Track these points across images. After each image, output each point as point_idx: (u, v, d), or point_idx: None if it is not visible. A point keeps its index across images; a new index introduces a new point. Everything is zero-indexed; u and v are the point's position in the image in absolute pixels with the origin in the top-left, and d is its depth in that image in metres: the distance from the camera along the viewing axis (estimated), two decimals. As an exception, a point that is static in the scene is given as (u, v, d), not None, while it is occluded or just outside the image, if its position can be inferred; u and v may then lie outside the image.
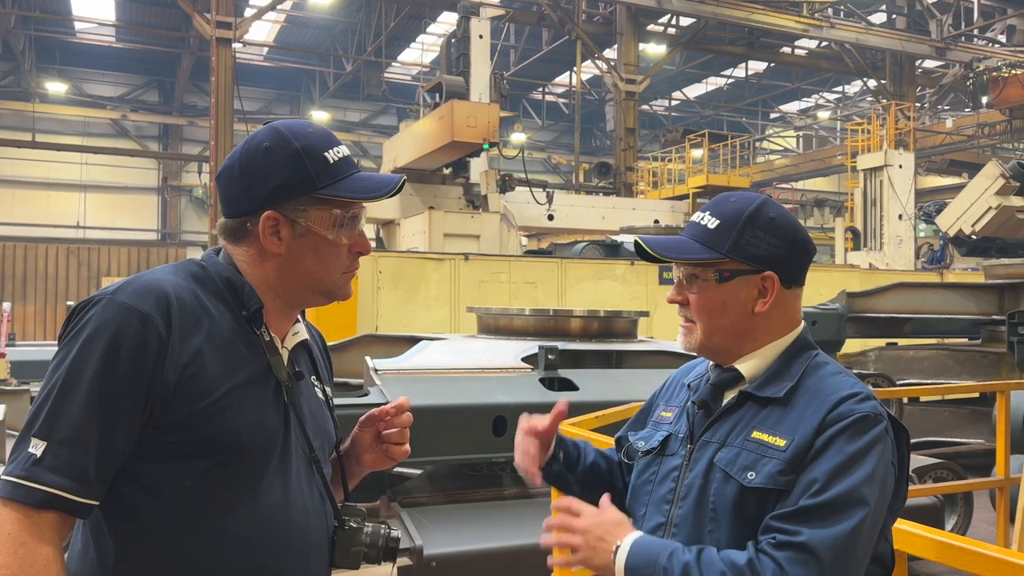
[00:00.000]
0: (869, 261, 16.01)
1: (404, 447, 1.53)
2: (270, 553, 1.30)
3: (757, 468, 1.30)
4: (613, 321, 5.05)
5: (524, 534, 3.34)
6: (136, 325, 1.22)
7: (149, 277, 1.30)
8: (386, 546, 1.42)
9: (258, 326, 1.35)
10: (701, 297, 1.41)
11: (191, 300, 1.29)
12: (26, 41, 23.53)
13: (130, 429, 1.22)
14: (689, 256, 1.41)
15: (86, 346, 1.21)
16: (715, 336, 1.42)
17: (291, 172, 1.33)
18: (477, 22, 13.84)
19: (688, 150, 19.93)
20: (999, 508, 4.29)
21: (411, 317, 9.36)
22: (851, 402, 1.30)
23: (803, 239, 1.42)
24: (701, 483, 1.36)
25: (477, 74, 13.46)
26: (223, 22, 15.12)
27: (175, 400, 1.24)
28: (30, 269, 20.93)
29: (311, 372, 1.48)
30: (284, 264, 1.36)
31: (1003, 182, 12.49)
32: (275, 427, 1.33)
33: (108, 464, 1.21)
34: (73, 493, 1.18)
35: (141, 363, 1.21)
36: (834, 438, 1.27)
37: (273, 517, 1.30)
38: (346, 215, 1.37)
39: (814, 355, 1.42)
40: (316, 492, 1.39)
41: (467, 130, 11.99)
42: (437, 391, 3.74)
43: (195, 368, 1.25)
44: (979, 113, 23.13)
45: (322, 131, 1.39)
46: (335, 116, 29.74)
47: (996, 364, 7.39)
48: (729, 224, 1.39)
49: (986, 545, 1.49)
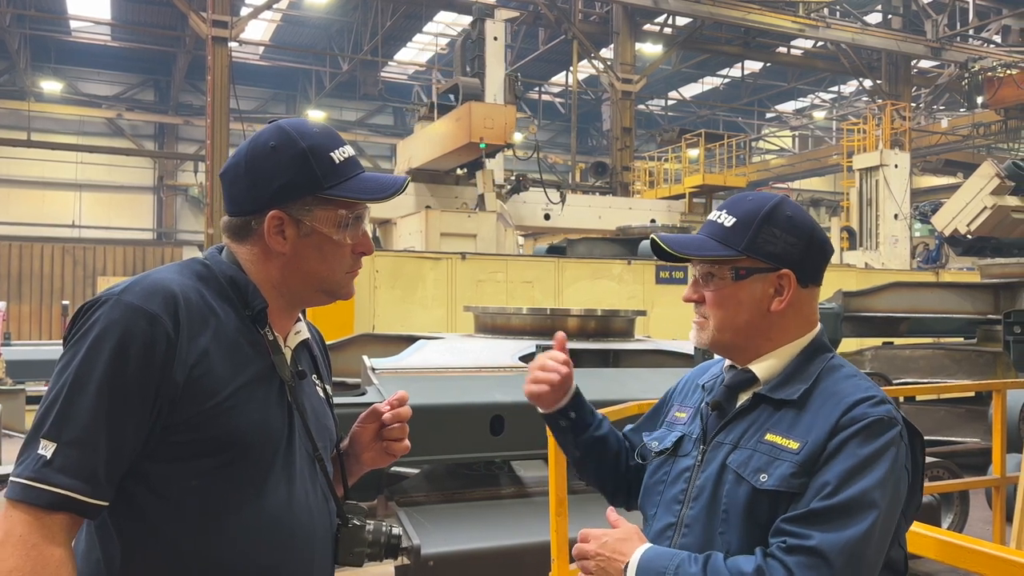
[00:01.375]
0: (865, 261, 16.04)
1: (404, 443, 1.53)
2: (275, 551, 1.31)
3: (770, 470, 1.30)
4: (610, 320, 5.06)
5: (521, 533, 3.34)
6: (144, 325, 1.22)
7: (156, 277, 1.29)
8: (388, 544, 1.43)
9: (262, 325, 1.36)
10: (717, 295, 1.41)
11: (197, 300, 1.29)
12: (21, 40, 23.46)
13: (139, 429, 1.22)
14: (706, 253, 1.40)
15: (94, 347, 1.21)
16: (727, 333, 1.41)
17: (297, 172, 1.33)
18: (492, 24, 13.96)
19: (684, 150, 19.95)
20: (995, 506, 4.30)
21: (408, 316, 9.35)
22: (865, 405, 1.30)
23: (820, 239, 1.42)
24: (713, 484, 1.35)
25: (492, 75, 13.59)
26: (219, 21, 15.08)
27: (183, 400, 1.24)
28: (25, 268, 20.88)
29: (312, 371, 1.48)
30: (288, 263, 1.36)
31: (998, 182, 12.52)
32: (280, 426, 1.34)
33: (117, 465, 1.21)
34: (83, 494, 1.18)
35: (150, 363, 1.21)
36: (847, 441, 1.27)
37: (278, 515, 1.31)
38: (351, 215, 1.37)
39: (830, 357, 1.41)
40: (320, 490, 1.40)
41: (485, 131, 12.18)
42: (434, 390, 3.73)
43: (202, 368, 1.25)
44: (974, 113, 23.19)
45: (328, 131, 1.40)
46: (331, 115, 29.71)
47: (992, 363, 7.40)
48: (746, 222, 1.39)
49: (983, 543, 1.50)
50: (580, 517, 3.32)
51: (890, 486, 1.25)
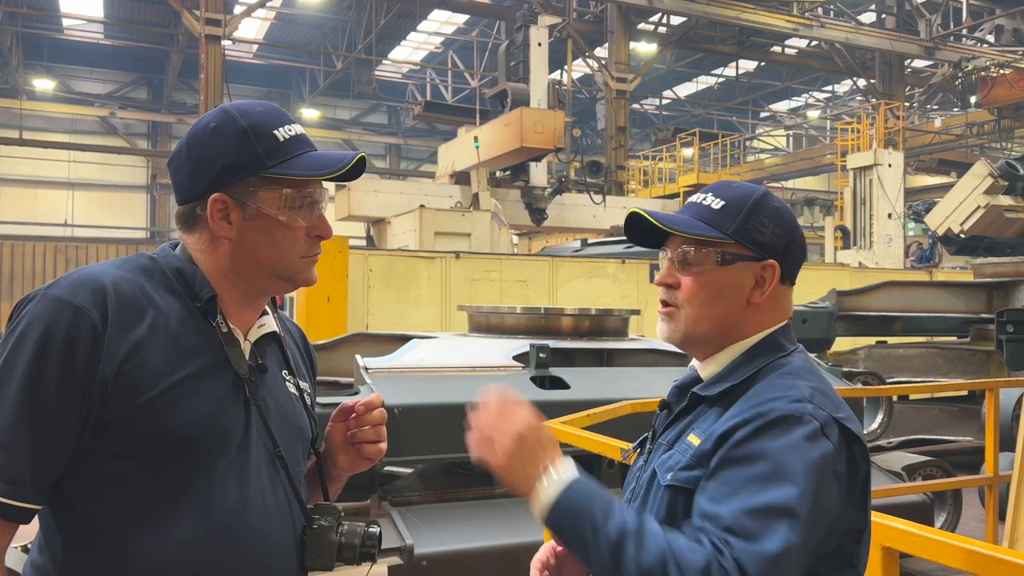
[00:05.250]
0: (859, 260, 16.08)
1: (379, 446, 1.45)
2: (223, 555, 1.24)
3: (675, 468, 1.24)
4: (604, 319, 5.05)
5: (515, 533, 3.34)
6: (68, 318, 1.17)
7: (88, 270, 1.24)
8: (363, 545, 1.33)
9: (213, 316, 1.29)
10: (697, 280, 1.30)
11: (132, 291, 1.23)
12: (13, 38, 23.38)
13: (67, 428, 1.17)
14: (694, 232, 1.29)
15: (17, 344, 1.17)
16: (703, 324, 1.31)
17: (237, 151, 1.26)
18: (536, 30, 14.29)
19: (679, 149, 19.98)
20: (988, 505, 4.31)
21: (402, 315, 9.33)
22: (779, 401, 1.19)
23: (801, 237, 1.36)
24: (646, 486, 1.31)
25: (536, 80, 13.92)
26: (212, 19, 15.04)
27: (114, 395, 1.18)
28: (17, 267, 20.77)
29: (281, 366, 1.41)
30: (236, 249, 1.29)
31: (991, 181, 12.57)
32: (232, 421, 1.27)
33: (45, 466, 1.17)
34: (7, 497, 1.14)
35: (72, 358, 1.16)
36: (741, 438, 1.16)
37: (227, 517, 1.24)
38: (299, 195, 1.30)
39: (779, 356, 1.30)
40: (281, 490, 1.32)
41: (534, 136, 12.70)
42: (428, 389, 3.72)
43: (134, 361, 1.19)
44: (968, 112, 23.25)
45: (273, 109, 1.33)
46: (325, 114, 29.68)
47: (985, 362, 7.42)
48: (736, 207, 1.30)
49: (975, 542, 1.50)
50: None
51: (807, 491, 1.11)
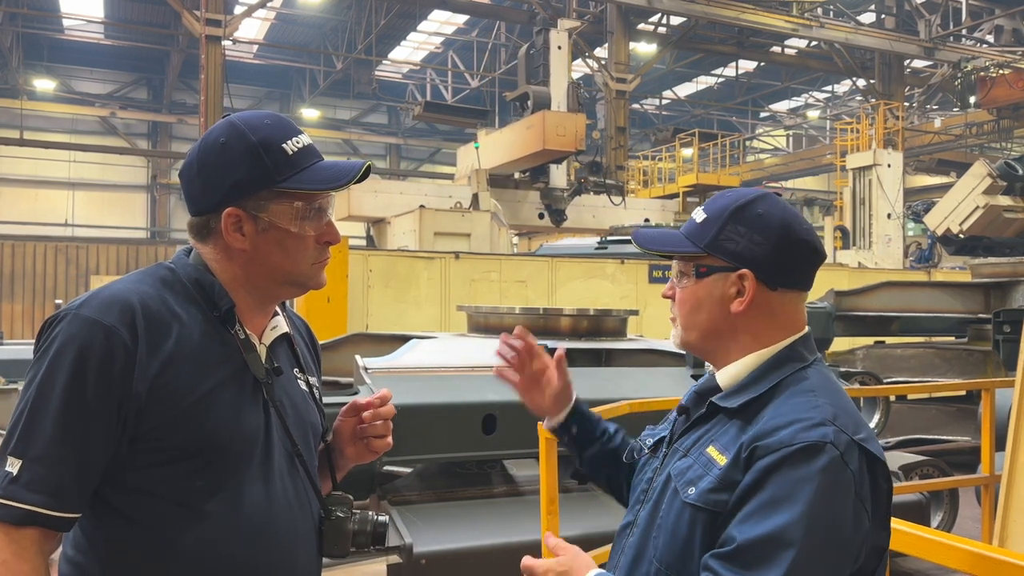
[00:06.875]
0: (858, 260, 16.09)
1: (386, 440, 1.52)
2: (255, 550, 1.31)
3: (698, 484, 1.24)
4: (603, 320, 5.07)
5: (514, 532, 3.35)
6: (101, 339, 1.22)
7: (114, 288, 1.29)
8: (374, 532, 1.43)
9: (231, 325, 1.34)
10: (682, 292, 1.37)
11: (158, 307, 1.28)
12: (14, 38, 23.37)
13: (105, 441, 1.23)
14: (669, 249, 1.38)
15: (54, 362, 1.22)
16: (692, 332, 1.37)
17: (249, 167, 1.30)
18: (555, 34, 14.38)
19: (678, 149, 19.98)
20: (984, 505, 4.32)
21: (401, 316, 9.34)
22: (796, 428, 1.18)
23: (796, 239, 1.31)
24: (660, 489, 1.33)
25: (556, 84, 14.01)
26: (212, 19, 15.04)
27: (148, 409, 1.24)
28: (18, 267, 20.76)
29: (292, 365, 1.47)
30: (250, 260, 1.34)
31: (990, 181, 12.59)
32: (255, 425, 1.33)
33: (85, 477, 1.23)
34: (51, 508, 1.19)
35: (108, 377, 1.22)
36: (767, 470, 1.16)
37: (257, 515, 1.31)
38: (310, 207, 1.34)
39: (797, 367, 1.30)
40: (300, 486, 1.39)
41: (556, 139, 12.86)
42: (427, 389, 3.73)
43: (166, 376, 1.25)
44: (967, 113, 23.26)
45: (280, 121, 1.36)
46: (325, 114, 29.66)
47: (982, 362, 7.43)
48: (714, 219, 1.34)
49: (971, 541, 1.51)
50: (572, 516, 3.33)
51: (817, 521, 1.12)
